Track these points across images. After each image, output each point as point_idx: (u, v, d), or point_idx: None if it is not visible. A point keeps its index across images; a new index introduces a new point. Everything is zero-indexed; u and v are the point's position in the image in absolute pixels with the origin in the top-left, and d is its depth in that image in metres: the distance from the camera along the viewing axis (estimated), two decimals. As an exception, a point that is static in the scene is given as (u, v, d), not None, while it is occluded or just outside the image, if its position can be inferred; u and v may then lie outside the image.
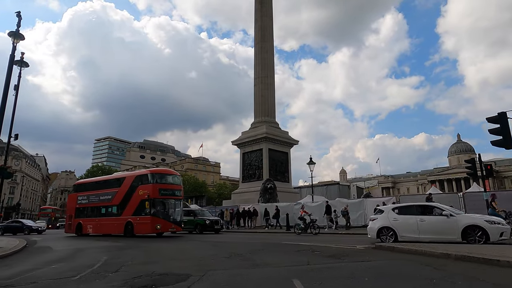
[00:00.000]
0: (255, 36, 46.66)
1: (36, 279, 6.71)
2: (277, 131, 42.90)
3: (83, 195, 24.13)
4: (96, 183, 25.12)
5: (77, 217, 23.66)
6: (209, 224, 23.23)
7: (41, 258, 10.88)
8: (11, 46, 13.46)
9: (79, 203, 24.05)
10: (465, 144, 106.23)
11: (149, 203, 18.74)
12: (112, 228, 21.06)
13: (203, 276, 6.27)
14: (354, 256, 8.65)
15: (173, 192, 20.26)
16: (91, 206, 23.13)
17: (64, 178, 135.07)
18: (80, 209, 23.88)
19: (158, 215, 18.90)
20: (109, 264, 8.52)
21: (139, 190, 19.63)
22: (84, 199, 23.80)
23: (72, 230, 23.81)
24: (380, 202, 20.55)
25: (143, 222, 18.87)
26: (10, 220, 36.23)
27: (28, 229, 30.51)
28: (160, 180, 19.97)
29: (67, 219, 25.38)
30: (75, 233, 23.38)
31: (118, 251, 12.03)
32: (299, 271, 6.58)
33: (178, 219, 20.17)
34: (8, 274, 7.67)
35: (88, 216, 23.10)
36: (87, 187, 25.13)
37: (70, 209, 25.00)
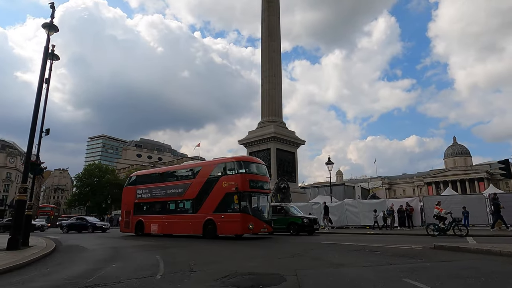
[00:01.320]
0: (262, 35, 46.47)
1: (116, 279, 6.36)
2: (285, 130, 42.75)
3: (143, 188, 20.84)
4: (160, 175, 21.79)
5: (137, 214, 20.59)
6: (307, 223, 19.22)
7: (92, 257, 10.49)
8: (45, 38, 12.91)
9: (139, 198, 20.93)
10: (461, 147, 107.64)
11: (238, 197, 15.69)
12: (185, 227, 17.90)
13: (297, 276, 6.00)
14: (425, 256, 8.46)
15: (262, 185, 17.40)
16: (155, 201, 20.06)
17: (57, 176, 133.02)
18: (140, 204, 20.84)
19: (249, 212, 15.75)
20: (175, 263, 8.18)
21: (223, 182, 16.56)
22: (145, 193, 20.61)
23: (130, 229, 20.77)
24: (403, 202, 20.52)
25: (231, 220, 15.75)
26: (74, 217, 34.46)
27: (92, 226, 28.66)
28: (249, 169, 16.97)
29: (123, 215, 22.00)
30: (134, 233, 20.50)
31: (163, 249, 11.69)
32: (396, 271, 6.37)
33: (269, 218, 17.30)
34: (75, 273, 7.32)
35: (152, 212, 20.04)
36: (149, 178, 21.91)
37: (127, 204, 21.62)
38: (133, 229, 20.46)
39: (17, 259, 8.77)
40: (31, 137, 12.28)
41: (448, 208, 18.31)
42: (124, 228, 21.44)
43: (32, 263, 8.75)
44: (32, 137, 12.28)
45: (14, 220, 11.58)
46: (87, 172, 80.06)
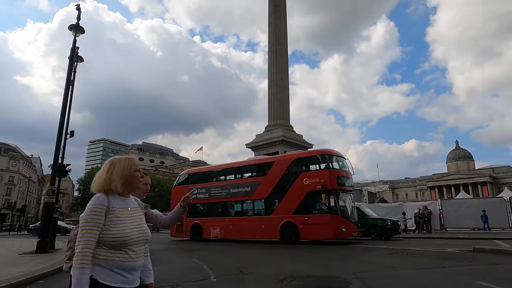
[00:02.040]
0: (269, 38, 46.49)
1: (170, 282, 6.26)
2: (293, 134, 42.67)
3: (199, 187, 18.22)
4: (220, 172, 19.30)
5: (191, 216, 18.02)
6: (391, 226, 16.49)
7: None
8: (72, 40, 12.86)
9: (194, 198, 18.89)
10: (463, 151, 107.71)
11: (326, 196, 13.57)
12: (256, 231, 15.61)
13: (359, 279, 5.91)
14: (472, 259, 8.39)
15: (348, 182, 15.24)
16: (215, 201, 17.78)
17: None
18: (196, 205, 18.46)
19: (339, 213, 13.66)
20: (218, 266, 8.06)
21: (304, 179, 14.42)
22: (201, 193, 18.09)
23: (184, 233, 18.39)
24: (420, 206, 20.42)
25: (317, 223, 13.54)
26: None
27: None
28: (336, 164, 14.87)
29: None
30: (188, 237, 18.17)
31: (193, 252, 11.56)
32: (458, 273, 6.28)
33: (357, 220, 15.07)
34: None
35: (211, 215, 17.77)
36: (205, 176, 19.55)
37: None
38: (188, 233, 18.16)
39: (53, 262, 8.64)
40: (58, 139, 12.20)
41: (466, 211, 18.27)
42: (176, 233, 19.17)
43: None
44: (59, 139, 12.20)
45: (42, 223, 11.46)
46: (89, 176, 79.74)
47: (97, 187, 1.86)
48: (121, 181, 1.87)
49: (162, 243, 16.84)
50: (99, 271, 1.69)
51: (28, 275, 6.64)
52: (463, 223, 19.17)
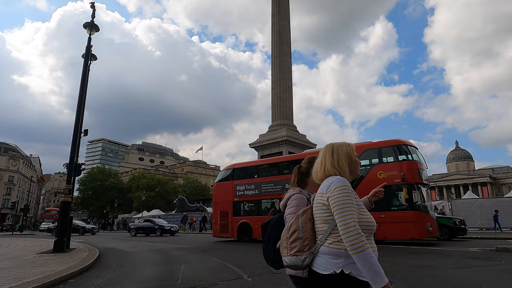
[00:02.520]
0: (273, 39, 46.43)
1: (206, 281, 6.18)
2: (296, 134, 42.66)
3: (247, 183, 17.10)
4: (272, 166, 17.72)
5: (238, 215, 17.03)
6: (459, 225, 15.28)
7: (143, 259, 10.26)
8: (87, 37, 12.75)
9: (240, 195, 17.22)
10: (463, 151, 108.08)
11: (408, 191, 12.27)
12: None
13: (397, 278, 5.85)
14: (495, 258, 8.35)
15: (425, 175, 13.88)
16: (267, 198, 16.46)
17: (57, 180, 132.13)
18: (243, 203, 17.30)
19: (423, 210, 12.47)
20: (241, 265, 7.99)
21: (378, 172, 13.11)
22: (250, 189, 16.83)
23: (230, 233, 17.03)
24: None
25: (398, 221, 12.16)
26: (143, 219, 32.20)
27: (160, 229, 25.84)
28: (415, 155, 13.41)
29: (218, 217, 17.77)
30: (235, 237, 16.87)
31: (209, 251, 11.48)
32: (498, 272, 6.23)
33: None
34: (150, 275, 7.14)
35: (262, 213, 16.44)
36: (254, 171, 17.81)
37: (222, 204, 17.77)
38: (235, 234, 16.78)
39: (75, 261, 8.54)
40: (74, 138, 12.10)
41: (476, 211, 18.26)
42: (221, 233, 17.55)
43: (91, 267, 8.52)
44: (75, 137, 12.10)
45: (59, 222, 11.35)
46: (90, 176, 79.49)
47: (327, 172, 1.71)
48: (347, 166, 1.74)
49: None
50: (355, 266, 1.47)
51: (59, 274, 6.55)
52: (473, 223, 19.16)
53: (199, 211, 41.55)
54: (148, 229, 26.37)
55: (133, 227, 27.73)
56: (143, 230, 26.72)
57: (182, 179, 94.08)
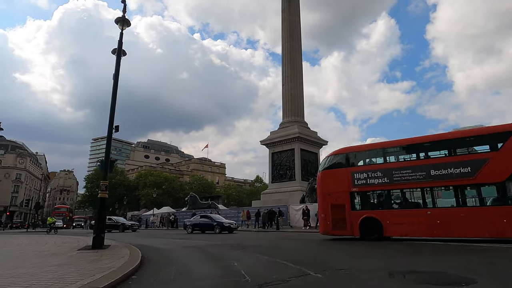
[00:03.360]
0: (283, 35, 46.22)
1: (274, 278, 6.09)
2: (308, 131, 42.55)
3: (369, 170, 14.46)
4: (406, 148, 14.75)
5: (358, 209, 14.44)
6: None
7: (187, 256, 10.20)
8: (118, 33, 12.65)
9: (361, 184, 14.47)
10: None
11: None
12: (483, 227, 11.69)
13: (470, 275, 5.75)
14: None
15: None
16: (405, 187, 13.79)
17: (62, 177, 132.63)
18: (366, 194, 14.68)
19: None
20: (298, 261, 7.89)
21: None
22: (375, 177, 14.15)
23: (349, 230, 14.22)
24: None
25: None
26: (199, 215, 29.86)
27: (219, 226, 24.11)
28: None
29: (327, 211, 14.97)
30: (356, 235, 14.11)
31: (243, 248, 11.42)
32: None
33: None
34: (211, 273, 7.06)
35: (396, 206, 14.09)
36: (379, 155, 15.01)
37: (334, 195, 14.89)
38: (356, 231, 14.04)
39: (124, 258, 8.46)
40: (109, 135, 12.04)
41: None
42: (334, 229, 14.78)
43: (142, 263, 8.45)
44: (110, 134, 12.04)
45: (97, 218, 11.32)
46: (97, 174, 79.66)
47: None
48: None
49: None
50: None
51: (122, 270, 6.48)
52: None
53: (211, 208, 41.54)
54: (205, 226, 25.06)
55: (189, 224, 26.19)
56: (200, 227, 25.38)
57: (188, 176, 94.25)
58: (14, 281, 5.55)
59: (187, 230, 25.62)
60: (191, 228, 25.53)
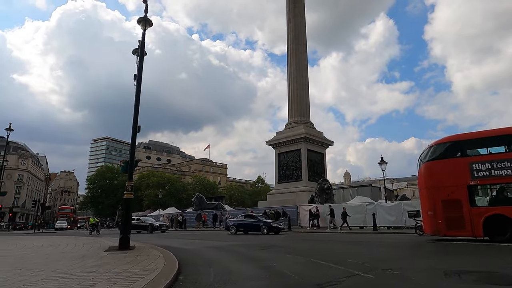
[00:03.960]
0: (288, 36, 46.27)
1: (323, 280, 6.07)
2: (314, 131, 42.57)
3: (493, 160, 12.59)
4: None
5: (480, 205, 12.67)
6: None
7: (220, 257, 10.15)
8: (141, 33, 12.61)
9: (483, 176, 12.64)
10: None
11: None
12: None
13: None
14: None
15: None
16: None
17: (63, 178, 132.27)
18: (491, 188, 12.98)
19: None
20: (340, 261, 7.86)
21: None
22: (501, 168, 12.31)
23: (470, 229, 12.38)
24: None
25: None
26: (242, 215, 28.34)
27: (267, 227, 22.30)
28: None
29: (439, 208, 13.10)
30: (478, 236, 12.29)
31: (269, 248, 11.38)
32: None
33: None
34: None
35: None
36: (503, 142, 13.06)
37: (449, 190, 13.02)
38: (479, 231, 12.21)
39: (162, 260, 8.40)
40: (133, 135, 12.00)
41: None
42: (449, 229, 12.88)
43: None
44: (134, 134, 12.00)
45: (123, 219, 11.28)
46: (99, 175, 79.57)
47: None
48: None
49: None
50: None
51: (171, 271, 6.44)
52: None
53: (217, 208, 41.49)
54: (250, 226, 23.33)
55: (232, 224, 24.39)
56: (245, 227, 23.61)
57: (190, 177, 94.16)
58: (68, 282, 5.51)
59: (230, 231, 23.81)
60: (235, 229, 23.63)
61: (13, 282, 5.55)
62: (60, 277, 5.98)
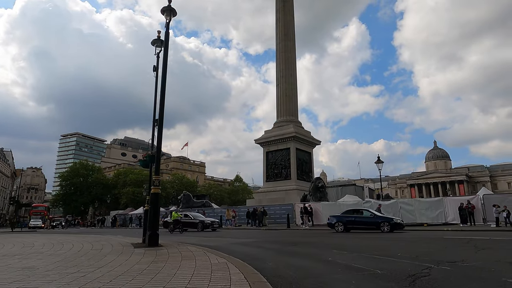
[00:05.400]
0: (277, 35, 46.32)
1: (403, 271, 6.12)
2: (303, 130, 42.98)
3: None
4: None
5: None
6: None
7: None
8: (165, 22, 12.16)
9: None
10: (441, 151, 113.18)
11: None
12: None
13: None
14: None
15: None
16: None
17: (30, 175, 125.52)
18: None
19: None
20: (400, 256, 7.95)
21: None
22: None
23: None
24: (463, 200, 21.25)
25: None
26: (350, 209, 21.52)
27: (386, 222, 18.33)
28: None
29: None
30: None
31: (296, 245, 11.31)
32: None
33: None
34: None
35: None
36: None
37: None
38: None
39: (215, 258, 8.15)
40: (159, 128, 11.58)
41: (509, 206, 19.28)
42: None
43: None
44: (160, 128, 11.58)
45: (151, 215, 10.83)
46: (72, 171, 76.28)
47: None
48: None
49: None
50: None
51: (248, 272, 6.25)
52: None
53: (205, 206, 40.95)
54: (365, 224, 19.06)
55: (339, 221, 19.58)
56: (358, 224, 19.22)
57: (168, 175, 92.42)
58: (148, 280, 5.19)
59: (337, 228, 19.41)
60: (343, 226, 19.19)
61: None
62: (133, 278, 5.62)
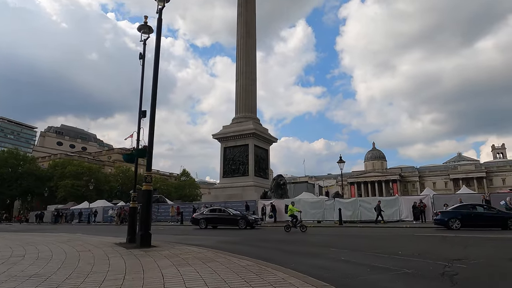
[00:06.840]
0: (239, 30, 45.92)
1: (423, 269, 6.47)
2: (261, 127, 43.34)
3: None
4: None
5: None
6: None
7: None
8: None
9: None
10: (378, 152, 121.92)
11: None
12: None
13: None
14: None
15: None
16: None
17: None
18: None
19: None
20: (405, 254, 8.35)
21: None
22: None
23: None
24: (417, 200, 23.11)
25: None
26: (462, 204, 19.24)
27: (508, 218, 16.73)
28: None
29: None
30: None
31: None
32: None
33: None
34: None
35: None
36: None
37: None
38: None
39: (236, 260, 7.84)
40: (151, 121, 10.83)
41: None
42: None
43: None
44: (152, 121, 10.84)
45: (143, 213, 10.11)
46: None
47: None
48: None
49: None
50: None
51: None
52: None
53: (159, 202, 39.45)
54: (484, 218, 16.88)
55: (451, 218, 16.95)
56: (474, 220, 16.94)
57: (110, 167, 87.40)
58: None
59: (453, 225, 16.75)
60: (459, 222, 16.77)
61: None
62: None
